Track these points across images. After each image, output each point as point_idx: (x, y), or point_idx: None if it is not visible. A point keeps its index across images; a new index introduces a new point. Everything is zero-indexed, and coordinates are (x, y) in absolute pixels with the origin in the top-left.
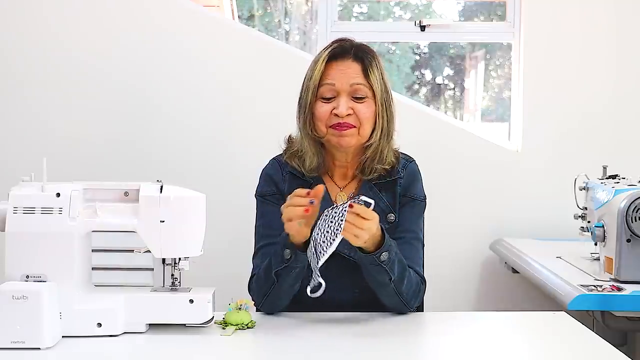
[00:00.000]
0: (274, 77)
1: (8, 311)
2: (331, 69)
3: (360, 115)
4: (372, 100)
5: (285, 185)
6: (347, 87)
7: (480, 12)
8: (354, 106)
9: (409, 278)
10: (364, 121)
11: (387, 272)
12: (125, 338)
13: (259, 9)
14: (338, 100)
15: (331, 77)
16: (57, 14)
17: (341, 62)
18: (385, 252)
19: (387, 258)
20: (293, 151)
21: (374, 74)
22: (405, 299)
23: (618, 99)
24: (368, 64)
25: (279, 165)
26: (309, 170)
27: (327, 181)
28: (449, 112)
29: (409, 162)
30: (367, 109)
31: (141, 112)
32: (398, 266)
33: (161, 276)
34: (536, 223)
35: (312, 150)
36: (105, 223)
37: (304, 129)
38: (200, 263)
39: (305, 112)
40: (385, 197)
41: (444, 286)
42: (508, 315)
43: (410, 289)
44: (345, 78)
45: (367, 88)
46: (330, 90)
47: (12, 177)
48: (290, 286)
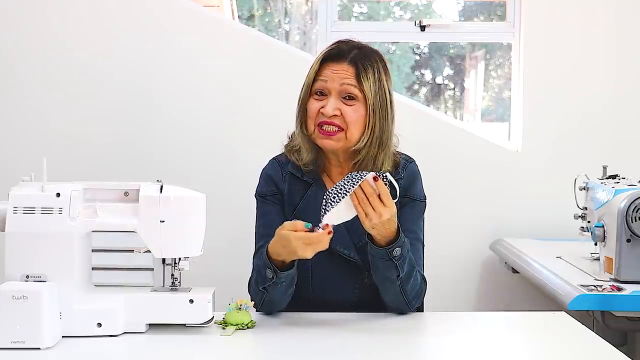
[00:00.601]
0: (274, 77)
1: (8, 311)
2: (326, 68)
3: (347, 118)
4: (363, 105)
5: (285, 186)
6: (337, 87)
7: (480, 12)
8: (341, 107)
9: (415, 278)
10: (350, 124)
11: (396, 268)
12: (125, 338)
13: (259, 9)
14: (328, 98)
15: (324, 75)
16: (58, 14)
17: (335, 64)
18: (398, 248)
19: (399, 254)
20: (293, 145)
21: (367, 80)
22: (408, 299)
23: (618, 99)
24: (362, 70)
25: (279, 165)
26: (305, 165)
27: (326, 180)
28: (449, 112)
29: (409, 162)
30: (354, 112)
31: (141, 112)
32: (408, 264)
33: (161, 276)
34: (536, 223)
35: (305, 147)
36: (105, 223)
37: (297, 125)
38: (200, 263)
39: (299, 107)
40: None
41: (444, 286)
42: (508, 315)
43: (414, 289)
44: (338, 78)
45: (358, 91)
46: (322, 86)
47: (12, 177)
48: (282, 295)
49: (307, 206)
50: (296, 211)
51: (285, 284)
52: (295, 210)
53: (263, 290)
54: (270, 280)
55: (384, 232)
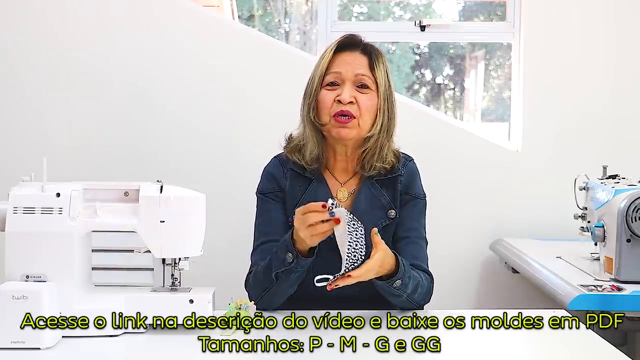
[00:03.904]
0: (274, 77)
1: (8, 311)
2: (338, 58)
3: (361, 106)
4: (375, 93)
5: (286, 182)
6: (352, 76)
7: (480, 12)
8: (357, 95)
9: (421, 285)
10: (364, 112)
11: (399, 295)
12: (125, 338)
13: (259, 9)
14: (342, 87)
15: (337, 65)
16: (58, 14)
17: (349, 53)
18: (398, 280)
19: (400, 284)
20: (293, 145)
21: (379, 69)
22: (417, 302)
23: (618, 99)
24: (375, 59)
25: (280, 163)
26: (309, 161)
27: (328, 177)
28: (449, 112)
29: (409, 160)
30: (369, 100)
31: (141, 112)
32: (411, 284)
33: (161, 276)
34: (536, 223)
35: (313, 140)
36: (105, 223)
37: (307, 117)
38: (200, 263)
39: (310, 99)
40: (386, 193)
41: (444, 286)
42: (508, 314)
43: (421, 295)
44: (351, 68)
45: (372, 80)
46: (335, 77)
47: (12, 177)
48: (289, 287)
49: (308, 201)
50: (298, 206)
51: (299, 273)
52: (296, 205)
53: (274, 277)
54: (289, 265)
55: (382, 272)
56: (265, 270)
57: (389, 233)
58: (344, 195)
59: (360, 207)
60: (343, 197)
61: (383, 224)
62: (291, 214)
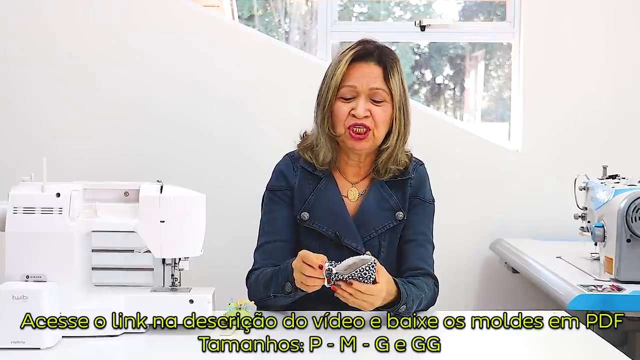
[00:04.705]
0: (274, 77)
1: (8, 311)
2: (353, 70)
3: (376, 118)
4: (390, 104)
5: (296, 180)
6: (366, 90)
7: (480, 12)
8: (371, 108)
9: (426, 297)
10: (379, 124)
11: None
12: (125, 338)
13: (259, 9)
14: (357, 101)
15: (352, 78)
16: (57, 14)
17: (364, 64)
18: (402, 305)
19: (404, 309)
20: (307, 144)
21: (394, 79)
22: (422, 310)
23: (618, 98)
24: (390, 68)
25: (291, 160)
26: (321, 164)
27: (338, 177)
28: (449, 112)
29: (419, 165)
30: (383, 112)
31: (141, 112)
32: (415, 304)
33: (161, 276)
34: (536, 223)
35: (327, 147)
36: (105, 223)
37: (321, 126)
38: (200, 263)
39: (325, 110)
40: (395, 195)
41: (444, 286)
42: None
43: (427, 304)
44: (366, 81)
45: (386, 93)
46: (350, 92)
47: (12, 177)
48: (287, 302)
49: (317, 199)
50: (306, 203)
51: (296, 297)
52: (305, 202)
53: (272, 296)
54: (287, 294)
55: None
56: (265, 285)
57: (396, 235)
58: (354, 196)
59: (368, 208)
60: (353, 198)
61: (390, 225)
62: (299, 211)
